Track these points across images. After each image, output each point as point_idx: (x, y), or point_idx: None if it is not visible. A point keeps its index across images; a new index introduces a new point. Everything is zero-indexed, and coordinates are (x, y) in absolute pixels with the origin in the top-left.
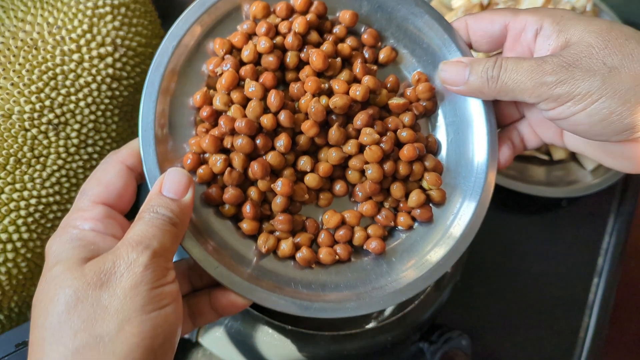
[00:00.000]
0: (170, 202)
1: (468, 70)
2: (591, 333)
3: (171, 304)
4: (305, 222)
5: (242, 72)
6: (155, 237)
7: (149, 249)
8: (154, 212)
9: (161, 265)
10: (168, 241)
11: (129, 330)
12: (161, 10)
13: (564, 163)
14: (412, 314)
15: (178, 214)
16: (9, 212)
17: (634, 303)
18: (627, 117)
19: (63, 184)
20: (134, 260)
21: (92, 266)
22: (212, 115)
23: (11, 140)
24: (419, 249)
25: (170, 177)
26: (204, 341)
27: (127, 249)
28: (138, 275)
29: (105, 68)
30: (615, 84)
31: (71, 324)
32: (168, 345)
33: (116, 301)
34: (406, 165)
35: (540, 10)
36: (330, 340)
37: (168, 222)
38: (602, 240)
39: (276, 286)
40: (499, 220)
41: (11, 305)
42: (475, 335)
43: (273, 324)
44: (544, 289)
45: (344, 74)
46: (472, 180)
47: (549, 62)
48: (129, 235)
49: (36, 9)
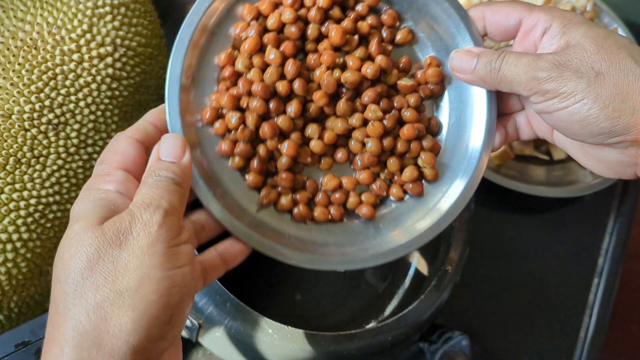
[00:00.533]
0: (170, 165)
1: (476, 60)
2: (591, 333)
3: (187, 265)
4: (306, 181)
5: (265, 39)
6: (163, 198)
7: (160, 209)
8: (157, 176)
9: (174, 223)
10: (176, 200)
11: (147, 287)
12: (161, 10)
13: (564, 163)
14: (412, 314)
15: (179, 174)
16: (9, 212)
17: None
18: (602, 121)
19: (63, 184)
20: (148, 220)
21: (110, 225)
22: (233, 75)
23: (11, 140)
24: (406, 219)
25: (167, 143)
26: (204, 341)
27: (140, 210)
28: (154, 234)
29: (105, 68)
30: (599, 88)
31: (93, 280)
32: (184, 305)
33: (135, 259)
34: (405, 143)
35: (552, 11)
36: (330, 340)
37: (172, 182)
38: (602, 241)
39: (272, 236)
40: (499, 220)
41: (11, 305)
42: (475, 335)
43: (273, 324)
44: (544, 289)
45: (360, 51)
46: (466, 162)
47: (544, 59)
48: (137, 198)
49: (36, 9)
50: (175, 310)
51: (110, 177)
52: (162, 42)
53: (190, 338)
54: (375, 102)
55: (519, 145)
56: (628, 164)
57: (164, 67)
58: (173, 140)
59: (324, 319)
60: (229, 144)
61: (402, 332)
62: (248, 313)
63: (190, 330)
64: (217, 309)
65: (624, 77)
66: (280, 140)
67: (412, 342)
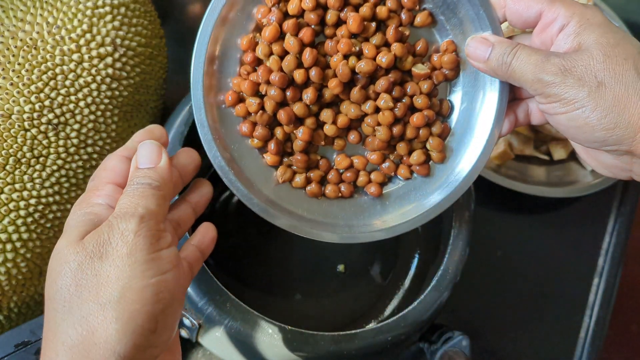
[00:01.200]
0: (147, 171)
1: (490, 50)
2: (591, 333)
3: (171, 270)
4: (319, 161)
5: (285, 25)
6: (139, 204)
7: (135, 216)
8: (134, 184)
9: (151, 228)
10: (152, 204)
11: (129, 297)
12: (161, 10)
13: (564, 163)
14: (412, 314)
15: (156, 177)
16: (9, 212)
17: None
18: (598, 131)
19: (63, 184)
20: (125, 229)
21: (90, 238)
22: (254, 61)
23: (11, 140)
24: (411, 198)
25: (143, 150)
26: (204, 341)
27: (117, 220)
28: (131, 242)
29: (104, 68)
30: (599, 99)
31: (79, 294)
32: (169, 312)
33: (116, 269)
34: (414, 130)
35: (573, 7)
36: (330, 340)
37: (148, 187)
38: (602, 241)
39: (285, 211)
40: (499, 220)
41: (10, 305)
42: (475, 335)
43: (273, 324)
44: (544, 289)
45: (377, 38)
46: (473, 145)
47: (551, 62)
48: (117, 209)
49: (35, 9)
50: (162, 317)
51: (100, 191)
52: (162, 42)
53: (190, 338)
54: (388, 91)
55: (519, 145)
56: (623, 169)
57: (164, 67)
58: (148, 147)
59: (323, 319)
60: (249, 126)
61: (402, 332)
62: (248, 313)
63: (190, 330)
64: (217, 309)
65: (624, 89)
66: (296, 124)
67: (412, 342)
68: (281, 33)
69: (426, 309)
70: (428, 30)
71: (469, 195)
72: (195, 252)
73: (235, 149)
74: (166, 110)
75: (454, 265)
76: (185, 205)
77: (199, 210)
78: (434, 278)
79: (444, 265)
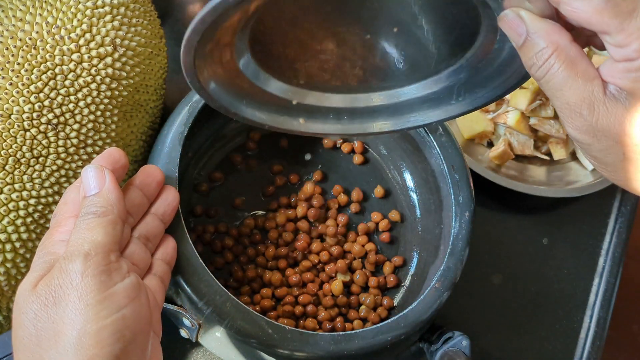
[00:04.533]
0: (92, 198)
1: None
2: (591, 333)
3: (128, 305)
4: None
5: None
6: (85, 240)
7: (79, 256)
8: (82, 216)
9: (99, 264)
10: (99, 234)
11: (86, 342)
12: (161, 10)
13: (564, 163)
14: (412, 314)
15: (102, 203)
16: (8, 212)
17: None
18: None
19: (62, 184)
20: (72, 271)
21: (43, 285)
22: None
23: (10, 140)
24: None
25: (85, 178)
26: (204, 341)
27: (64, 262)
28: (79, 285)
29: (104, 68)
30: None
31: (39, 344)
32: (132, 348)
33: (70, 315)
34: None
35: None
36: (330, 340)
37: (94, 217)
38: (602, 241)
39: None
40: (499, 220)
41: (10, 305)
42: (475, 335)
43: (273, 324)
44: (544, 289)
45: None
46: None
47: None
48: (66, 247)
49: (35, 9)
50: (124, 356)
51: (61, 227)
52: (162, 42)
53: (190, 338)
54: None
55: (519, 145)
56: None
57: (163, 67)
58: (90, 173)
59: None
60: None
61: (402, 332)
62: (248, 313)
63: (190, 330)
64: (217, 309)
65: None
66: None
67: (412, 342)
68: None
69: (426, 309)
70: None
71: (469, 195)
72: (162, 265)
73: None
74: (166, 110)
75: (454, 265)
76: (151, 218)
77: (167, 220)
78: (434, 278)
79: (444, 265)
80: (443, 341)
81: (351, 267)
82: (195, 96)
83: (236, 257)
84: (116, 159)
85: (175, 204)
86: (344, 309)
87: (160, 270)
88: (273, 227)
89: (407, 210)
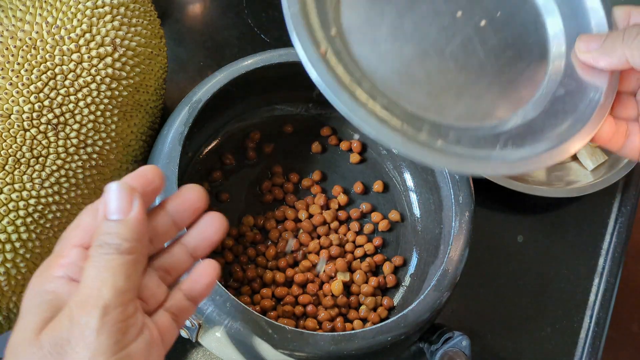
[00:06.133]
0: (116, 226)
1: (605, 37)
2: (592, 333)
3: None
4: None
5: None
6: (104, 284)
7: (97, 308)
8: (101, 247)
9: (117, 321)
10: (121, 280)
11: None
12: (161, 10)
13: (564, 163)
14: (412, 314)
15: (127, 236)
16: (8, 212)
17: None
18: None
19: (62, 184)
20: (86, 325)
21: (48, 336)
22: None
23: (10, 140)
24: None
25: (110, 194)
26: (204, 341)
27: (77, 311)
28: (91, 343)
29: (104, 68)
30: None
31: None
32: None
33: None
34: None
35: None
36: (330, 340)
37: (116, 253)
38: (602, 241)
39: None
40: (499, 220)
41: (10, 306)
42: (475, 335)
43: (273, 324)
44: (544, 289)
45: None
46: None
47: None
48: (80, 289)
49: (35, 8)
50: None
51: (63, 258)
52: (162, 42)
53: (190, 338)
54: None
55: None
56: None
57: (163, 67)
58: (117, 193)
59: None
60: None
61: (402, 332)
62: (248, 313)
63: (190, 330)
64: (217, 309)
65: None
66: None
67: (412, 342)
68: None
69: (426, 309)
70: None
71: (469, 195)
72: (182, 299)
73: None
74: (166, 110)
75: (454, 265)
76: (178, 250)
77: (198, 256)
78: (434, 278)
79: (444, 265)
80: (443, 341)
81: (351, 267)
82: (195, 96)
83: (236, 257)
84: (149, 180)
85: (214, 239)
86: (344, 309)
87: (176, 305)
88: (273, 227)
89: (407, 210)
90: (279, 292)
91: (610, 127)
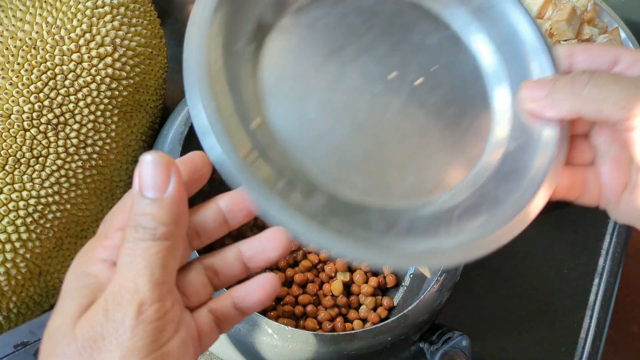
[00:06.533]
0: (151, 206)
1: (552, 84)
2: (591, 333)
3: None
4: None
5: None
6: (140, 275)
7: (132, 305)
8: (135, 230)
9: (154, 319)
10: (157, 270)
11: None
12: (161, 10)
13: None
14: (412, 314)
15: (163, 218)
16: (8, 212)
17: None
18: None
19: (62, 184)
20: (120, 322)
21: (83, 328)
22: None
23: (10, 140)
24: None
25: (145, 168)
26: None
27: (112, 307)
28: (125, 342)
29: (104, 68)
30: None
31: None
32: None
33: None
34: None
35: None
36: (330, 340)
37: (151, 240)
38: (602, 241)
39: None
40: None
41: (10, 306)
42: (475, 335)
43: (273, 324)
44: (544, 289)
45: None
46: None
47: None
48: (115, 277)
49: (35, 8)
50: None
51: (107, 240)
52: (162, 42)
53: None
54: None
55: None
56: None
57: (163, 67)
58: (152, 165)
59: None
60: None
61: (402, 332)
62: None
63: None
64: None
65: None
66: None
67: (412, 342)
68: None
69: (426, 309)
70: None
71: None
72: (229, 306)
73: None
74: (166, 110)
75: (454, 265)
76: (233, 254)
77: (254, 267)
78: (434, 278)
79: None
80: (443, 341)
81: (351, 267)
82: None
83: None
84: (196, 168)
85: (272, 255)
86: (344, 309)
87: (222, 310)
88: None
89: None
90: (279, 292)
91: (567, 178)
